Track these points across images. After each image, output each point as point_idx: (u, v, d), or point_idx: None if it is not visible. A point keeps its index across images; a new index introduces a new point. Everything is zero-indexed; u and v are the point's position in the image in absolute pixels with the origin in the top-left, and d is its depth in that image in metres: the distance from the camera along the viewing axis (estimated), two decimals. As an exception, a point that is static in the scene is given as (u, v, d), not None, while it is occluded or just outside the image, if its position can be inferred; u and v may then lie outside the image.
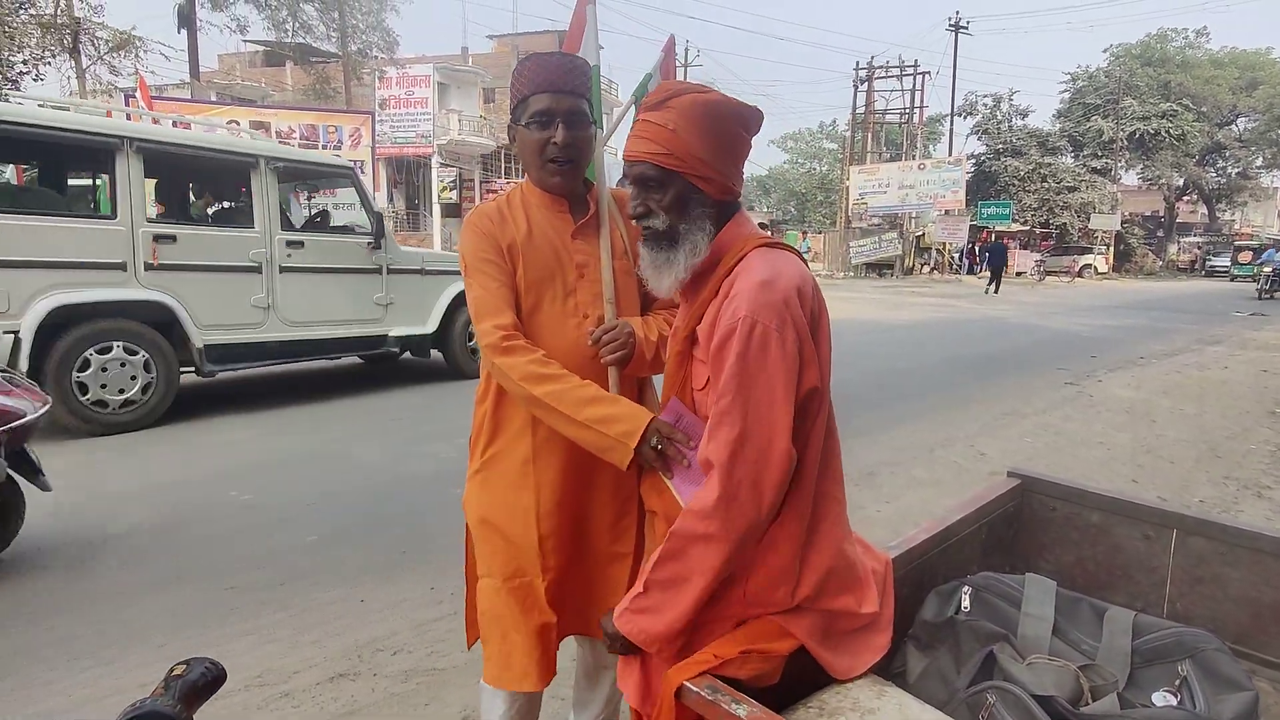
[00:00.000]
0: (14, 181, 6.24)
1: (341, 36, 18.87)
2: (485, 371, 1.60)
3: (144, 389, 5.33)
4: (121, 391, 5.23)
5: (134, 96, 9.61)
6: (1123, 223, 35.53)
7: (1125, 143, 36.75)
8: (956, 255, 32.19)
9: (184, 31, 18.62)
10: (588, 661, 1.83)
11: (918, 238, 32.15)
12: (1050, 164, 35.24)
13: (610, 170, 2.68)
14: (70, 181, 6.46)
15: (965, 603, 1.61)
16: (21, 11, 15.62)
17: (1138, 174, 40.63)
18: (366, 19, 18.72)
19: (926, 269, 32.27)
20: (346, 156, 10.67)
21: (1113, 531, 1.84)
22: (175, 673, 0.71)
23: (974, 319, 14.56)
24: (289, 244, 6.01)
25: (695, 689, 1.15)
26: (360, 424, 5.71)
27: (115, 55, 17.08)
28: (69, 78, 16.57)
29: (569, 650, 1.88)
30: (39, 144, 5.23)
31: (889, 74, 32.53)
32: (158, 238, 5.35)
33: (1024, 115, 38.10)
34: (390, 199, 25.34)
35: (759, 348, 1.16)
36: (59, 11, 15.95)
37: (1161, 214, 42.15)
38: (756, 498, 1.16)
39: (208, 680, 0.72)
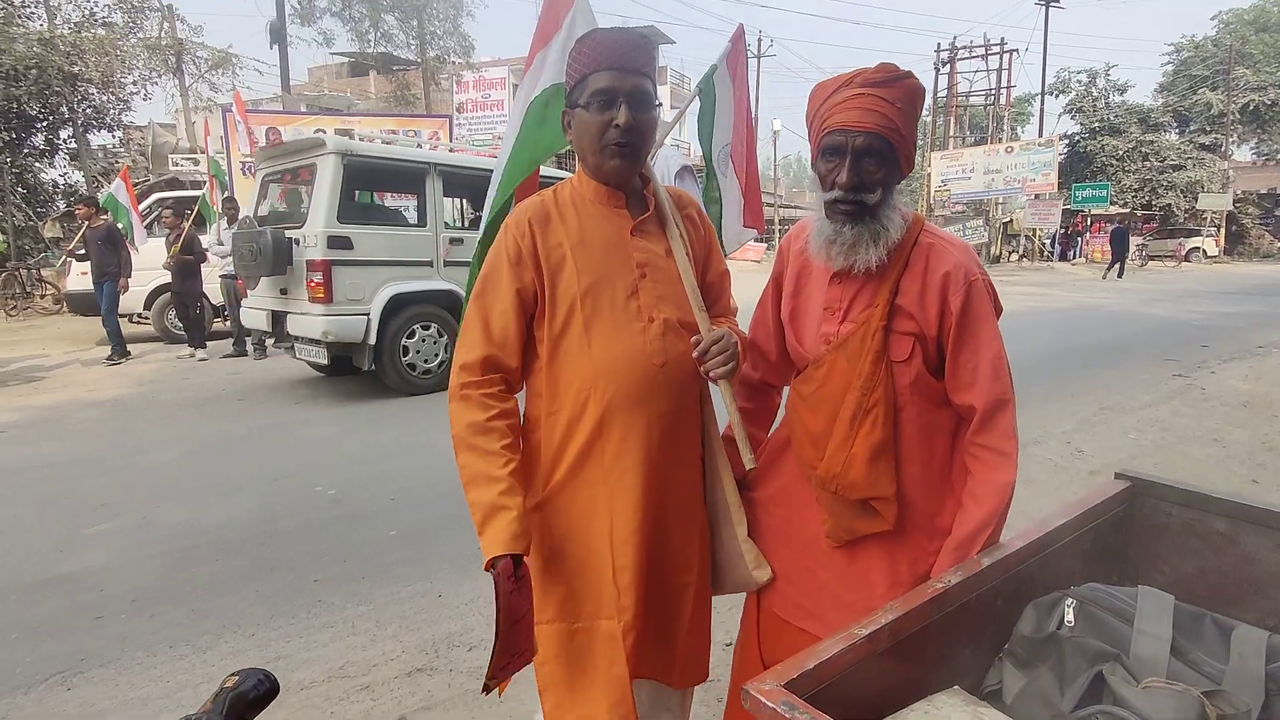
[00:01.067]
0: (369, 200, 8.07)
1: (420, 44, 19.43)
2: (537, 390, 1.47)
3: (443, 360, 6.71)
4: (426, 361, 6.64)
5: (231, 111, 10.13)
6: (1235, 202, 32.90)
7: (1237, 116, 34.01)
8: (1047, 241, 30.57)
9: (275, 47, 19.60)
10: (646, 702, 1.70)
11: (1005, 224, 30.69)
12: (1152, 141, 32.99)
13: (670, 162, 2.62)
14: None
15: (1069, 616, 1.48)
16: (131, 36, 16.78)
17: (1252, 149, 37.54)
18: (444, 25, 19.22)
19: (1015, 256, 30.79)
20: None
21: (1241, 541, 1.66)
22: (227, 684, 0.70)
23: (1069, 308, 13.78)
24: None
25: (769, 703, 1.08)
26: (439, 419, 5.83)
27: (214, 73, 18.15)
28: (172, 95, 17.72)
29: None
30: (380, 170, 6.87)
31: (973, 54, 31.15)
32: (451, 240, 6.77)
33: (1122, 91, 35.75)
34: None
35: (995, 297, 1.45)
36: (163, 34, 17.03)
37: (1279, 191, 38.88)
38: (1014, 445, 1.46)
39: (260, 693, 0.71)
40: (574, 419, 1.42)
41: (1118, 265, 22.45)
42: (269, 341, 7.41)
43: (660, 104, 1.50)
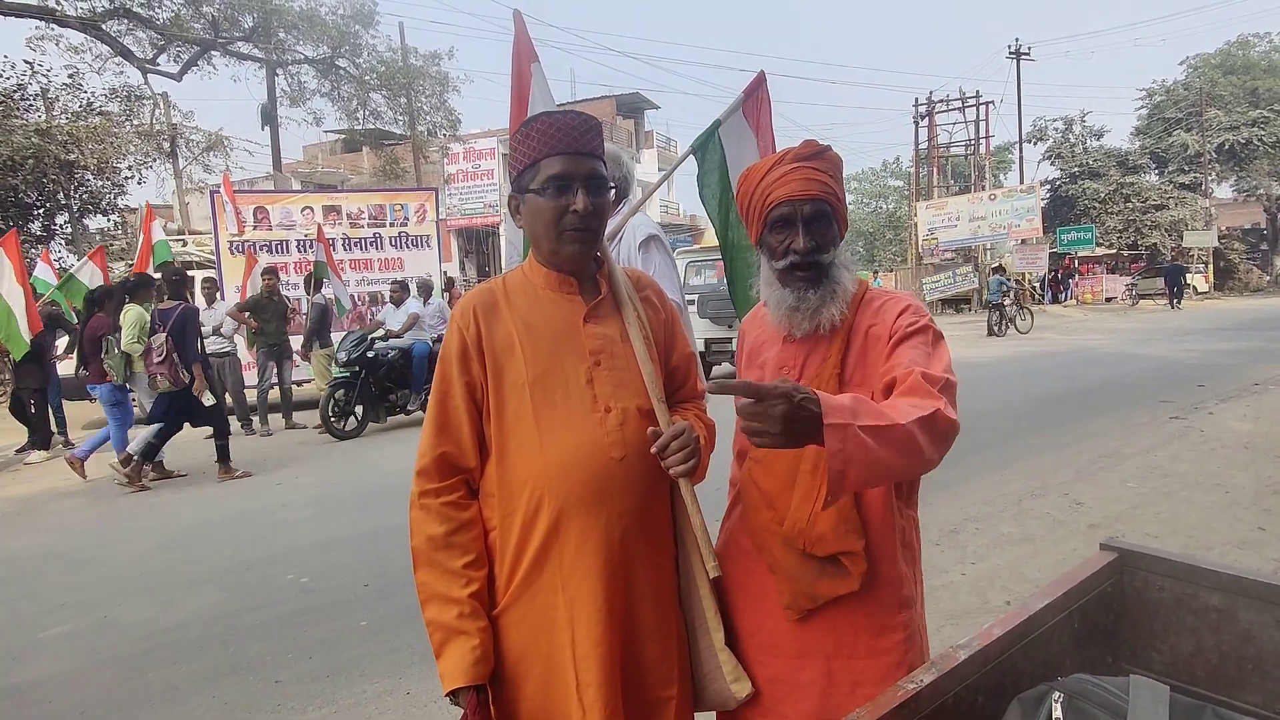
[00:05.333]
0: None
1: (410, 119, 19.90)
2: (489, 491, 1.35)
3: None
4: None
5: (218, 192, 10.27)
6: (1220, 238, 33.31)
7: (1214, 155, 34.73)
8: (1037, 284, 30.78)
9: (267, 128, 20.08)
10: None
11: (994, 269, 30.96)
12: (1133, 183, 33.55)
13: (637, 231, 2.56)
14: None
15: (1057, 712, 1.35)
16: (127, 123, 17.19)
17: (1231, 186, 38.21)
18: (430, 101, 19.72)
19: (1006, 301, 30.93)
20: (413, 232, 11.07)
21: (1239, 617, 1.54)
22: None
23: (1063, 351, 13.73)
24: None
25: None
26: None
27: (207, 155, 18.53)
28: (162, 179, 18.09)
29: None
30: None
31: (950, 107, 31.95)
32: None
33: (1099, 136, 36.57)
34: (462, 267, 26.25)
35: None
36: (154, 120, 17.48)
37: (1263, 226, 39.38)
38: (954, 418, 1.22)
39: None
40: (527, 522, 1.32)
41: (1175, 297, 25.16)
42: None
43: (613, 186, 1.46)
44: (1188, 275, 28.82)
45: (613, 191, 1.46)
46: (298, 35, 17.74)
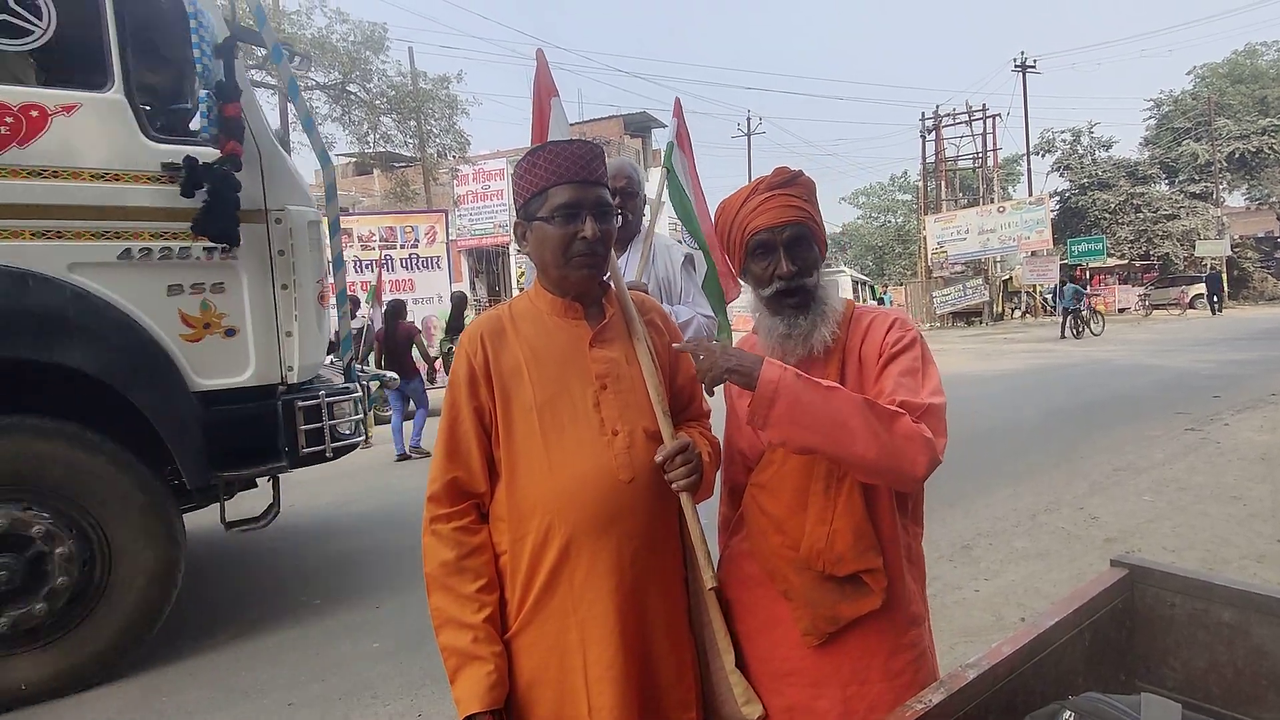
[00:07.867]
0: None
1: (420, 142, 20.14)
2: (499, 515, 1.36)
3: None
4: None
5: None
6: (1233, 247, 33.07)
7: (1224, 164, 34.58)
8: (1048, 296, 30.64)
9: (280, 153, 20.37)
10: None
11: (1005, 282, 30.84)
12: (1143, 193, 33.45)
13: (672, 253, 2.57)
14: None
15: (1069, 731, 1.34)
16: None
17: (1243, 195, 38.05)
18: (440, 123, 19.96)
19: (1017, 314, 30.80)
20: (423, 253, 11.18)
21: (1252, 632, 1.52)
22: None
23: (1076, 363, 13.63)
24: None
25: None
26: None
27: (222, 180, 18.79)
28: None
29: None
30: None
31: (956, 121, 32.02)
32: None
33: (1107, 147, 36.53)
34: (473, 287, 26.42)
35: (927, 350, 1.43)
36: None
37: (1277, 234, 39.09)
38: (936, 444, 1.30)
39: None
40: (538, 546, 1.33)
41: (1216, 303, 26.07)
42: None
43: (619, 213, 1.50)
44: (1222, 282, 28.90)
45: (618, 219, 1.49)
46: (310, 62, 18.04)
